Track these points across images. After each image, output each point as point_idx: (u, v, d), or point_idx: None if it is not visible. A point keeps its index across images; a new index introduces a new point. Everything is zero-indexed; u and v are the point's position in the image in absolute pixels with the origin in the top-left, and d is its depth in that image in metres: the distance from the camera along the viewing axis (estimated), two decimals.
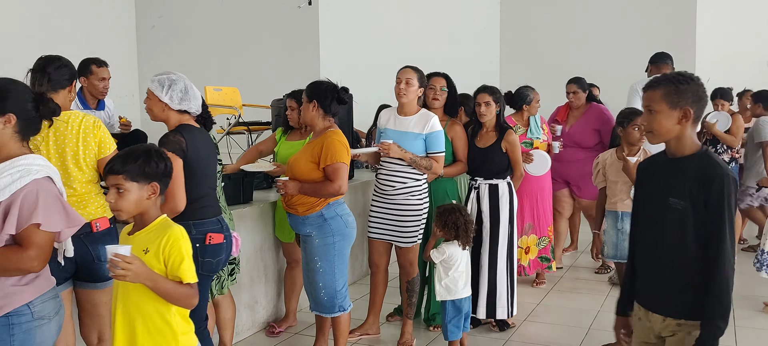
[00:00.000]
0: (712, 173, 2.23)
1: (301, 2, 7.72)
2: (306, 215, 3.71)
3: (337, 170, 3.60)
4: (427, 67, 5.00)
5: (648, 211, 2.43)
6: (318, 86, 3.76)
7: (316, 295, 3.80)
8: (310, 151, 3.68)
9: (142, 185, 2.34)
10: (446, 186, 4.55)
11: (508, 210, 4.50)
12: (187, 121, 3.14)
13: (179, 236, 2.35)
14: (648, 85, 2.33)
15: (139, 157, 2.35)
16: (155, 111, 3.16)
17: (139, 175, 2.33)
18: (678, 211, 2.27)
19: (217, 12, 8.26)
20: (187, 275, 2.34)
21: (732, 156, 6.64)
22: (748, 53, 9.03)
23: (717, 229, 2.22)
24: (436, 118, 4.18)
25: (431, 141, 4.15)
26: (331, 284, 3.76)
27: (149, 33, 8.66)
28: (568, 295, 5.53)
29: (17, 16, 7.02)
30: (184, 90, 3.12)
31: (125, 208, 2.34)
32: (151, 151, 2.40)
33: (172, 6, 8.51)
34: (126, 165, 2.33)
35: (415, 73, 4.15)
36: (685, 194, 2.26)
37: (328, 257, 3.74)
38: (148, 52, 8.65)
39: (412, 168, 4.14)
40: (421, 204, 4.21)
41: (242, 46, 8.10)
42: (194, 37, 8.37)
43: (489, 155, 4.47)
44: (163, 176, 2.41)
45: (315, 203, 3.69)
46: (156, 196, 2.38)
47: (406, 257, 4.27)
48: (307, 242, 3.78)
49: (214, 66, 8.03)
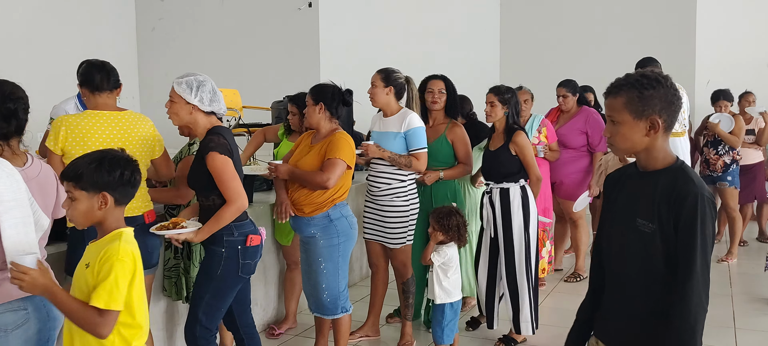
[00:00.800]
0: (684, 190, 1.88)
1: (301, 4, 7.72)
2: (312, 216, 3.68)
3: (333, 165, 3.58)
4: (427, 68, 5.00)
5: (613, 231, 2.08)
6: (323, 89, 3.76)
7: (318, 296, 3.78)
8: (318, 152, 3.66)
9: (92, 195, 2.14)
10: (447, 188, 4.52)
11: (521, 216, 4.26)
12: (215, 122, 3.09)
13: (113, 254, 2.08)
14: (608, 90, 2.00)
15: (90, 164, 2.15)
16: (182, 115, 3.05)
17: (88, 183, 2.14)
18: (645, 234, 1.93)
19: (217, 14, 8.27)
20: (98, 297, 2.03)
21: (733, 157, 6.65)
22: (748, 55, 9.03)
23: (686, 258, 1.86)
24: (413, 116, 4.13)
25: (410, 139, 4.11)
26: (334, 286, 3.75)
27: (149, 35, 8.66)
28: (568, 296, 5.52)
29: (18, 19, 7.03)
30: (212, 91, 3.06)
31: (75, 218, 2.16)
32: (103, 159, 2.18)
33: (172, 8, 8.51)
34: (75, 171, 2.15)
35: (378, 75, 4.15)
36: (653, 215, 1.91)
37: (332, 258, 3.73)
38: (149, 54, 8.66)
39: (397, 169, 4.12)
40: (408, 205, 4.17)
41: (242, 48, 8.10)
42: (194, 40, 8.38)
43: (498, 158, 4.31)
44: (117, 186, 2.17)
45: (322, 203, 3.67)
46: (107, 206, 2.15)
47: (398, 259, 4.25)
48: (309, 243, 3.74)
49: (214, 68, 8.02)
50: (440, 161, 4.47)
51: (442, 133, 4.50)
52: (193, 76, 3.04)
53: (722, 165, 6.65)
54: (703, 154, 6.87)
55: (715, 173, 6.71)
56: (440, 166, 4.47)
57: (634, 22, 9.48)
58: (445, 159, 4.49)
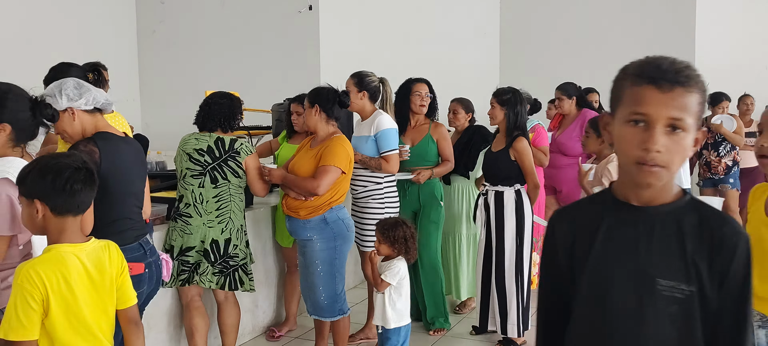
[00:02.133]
0: (730, 235, 1.36)
1: (301, 7, 7.73)
2: (308, 219, 3.69)
3: (325, 172, 3.61)
4: (427, 71, 5.00)
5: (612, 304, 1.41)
6: (319, 91, 3.81)
7: (315, 299, 3.78)
8: (314, 157, 3.69)
9: (28, 203, 1.99)
10: (433, 187, 4.58)
11: (514, 220, 4.23)
12: (102, 125, 2.73)
13: (16, 275, 1.92)
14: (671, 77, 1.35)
15: (27, 170, 2.01)
16: (68, 128, 2.65)
17: (23, 191, 2.01)
18: (679, 301, 1.36)
19: (217, 17, 8.28)
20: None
21: (734, 159, 6.65)
22: (747, 58, 9.03)
23: (738, 324, 1.37)
24: (383, 117, 4.12)
25: (379, 140, 4.10)
26: (331, 288, 3.76)
27: (150, 38, 8.67)
28: None
29: (18, 21, 7.04)
30: (77, 86, 2.66)
31: (26, 226, 2.03)
32: (35, 165, 2.03)
33: (172, 11, 8.52)
34: (20, 176, 2.01)
35: (351, 80, 4.18)
36: (688, 273, 1.36)
37: (329, 260, 3.73)
38: (149, 57, 8.67)
39: (371, 172, 4.12)
40: (383, 208, 4.15)
41: (243, 50, 8.11)
42: (195, 42, 8.39)
43: (497, 161, 4.31)
44: (52, 194, 1.98)
45: (318, 206, 3.68)
46: (40, 216, 1.99)
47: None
48: (306, 246, 3.75)
49: (214, 71, 8.04)
50: (428, 161, 4.57)
51: (427, 133, 4.58)
52: (53, 85, 2.66)
53: (724, 167, 6.63)
54: (703, 157, 6.87)
55: (717, 175, 6.70)
56: (430, 165, 4.55)
57: (635, 24, 9.48)
58: (432, 158, 4.59)
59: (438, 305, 4.64)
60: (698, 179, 7.33)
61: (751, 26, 9.15)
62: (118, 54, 7.95)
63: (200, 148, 3.71)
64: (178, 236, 3.71)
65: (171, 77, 8.25)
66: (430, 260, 4.60)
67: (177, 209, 3.78)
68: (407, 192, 4.58)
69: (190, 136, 3.79)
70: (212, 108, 3.79)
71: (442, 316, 4.66)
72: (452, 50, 9.45)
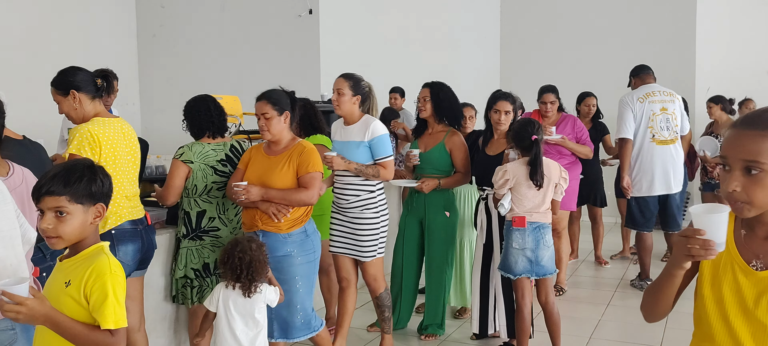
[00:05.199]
0: None
1: (301, 11, 7.72)
2: (290, 232, 3.49)
3: (315, 179, 3.46)
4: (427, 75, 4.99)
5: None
6: (278, 97, 3.60)
7: (291, 319, 3.55)
8: (288, 165, 3.47)
9: (88, 207, 2.02)
10: (443, 197, 4.48)
11: None
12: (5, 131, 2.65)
13: (105, 269, 1.98)
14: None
15: (84, 174, 2.03)
16: None
17: (85, 195, 2.01)
18: None
19: (217, 21, 8.27)
20: (107, 319, 1.95)
21: None
22: (748, 62, 9.03)
23: None
24: (377, 123, 3.96)
25: (375, 147, 3.92)
26: (308, 304, 3.59)
27: (150, 41, 8.66)
28: (568, 304, 5.51)
29: (18, 24, 7.03)
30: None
31: (68, 234, 2.00)
32: (96, 168, 2.08)
33: (172, 15, 8.52)
34: (69, 184, 1.99)
35: (346, 83, 3.95)
36: None
37: (308, 275, 3.58)
38: (149, 60, 8.66)
39: (364, 180, 3.94)
40: (378, 217, 3.99)
41: (243, 54, 8.10)
42: (195, 46, 8.38)
43: (496, 164, 4.24)
44: (108, 196, 2.10)
45: (300, 218, 3.52)
46: (101, 219, 2.08)
47: (369, 273, 4.07)
48: (284, 262, 3.47)
49: (214, 74, 8.03)
50: (438, 169, 4.46)
51: (441, 140, 4.45)
52: None
53: None
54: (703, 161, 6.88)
55: (715, 179, 6.73)
56: (438, 174, 4.43)
57: (635, 28, 9.48)
58: (443, 167, 4.46)
59: (436, 315, 4.61)
60: (699, 183, 7.35)
61: (751, 30, 9.15)
62: (118, 58, 7.94)
63: (220, 158, 3.73)
64: (210, 253, 3.71)
65: (171, 81, 8.24)
66: (436, 271, 4.55)
67: (199, 226, 3.71)
68: (414, 200, 4.52)
69: (200, 148, 3.73)
70: (203, 115, 3.79)
71: (438, 324, 4.63)
72: (452, 54, 9.45)
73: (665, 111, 5.68)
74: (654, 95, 5.73)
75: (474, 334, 4.62)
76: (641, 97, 5.71)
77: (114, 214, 3.20)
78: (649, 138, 5.66)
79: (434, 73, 5.01)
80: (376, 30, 8.35)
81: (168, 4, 8.56)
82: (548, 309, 4.05)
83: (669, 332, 4.71)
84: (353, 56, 7.84)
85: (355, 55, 7.85)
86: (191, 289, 3.72)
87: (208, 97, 3.91)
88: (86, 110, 3.21)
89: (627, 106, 5.68)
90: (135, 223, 3.30)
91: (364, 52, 7.94)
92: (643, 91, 5.75)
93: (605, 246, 7.27)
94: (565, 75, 8.55)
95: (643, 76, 5.91)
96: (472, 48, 9.94)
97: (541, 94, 5.74)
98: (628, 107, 5.68)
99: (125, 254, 3.22)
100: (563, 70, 9.25)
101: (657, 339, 4.63)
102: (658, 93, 5.75)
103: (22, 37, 7.03)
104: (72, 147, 3.07)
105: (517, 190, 3.92)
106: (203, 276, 3.72)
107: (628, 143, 5.67)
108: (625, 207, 7.02)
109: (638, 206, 5.80)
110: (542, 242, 3.91)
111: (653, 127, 5.65)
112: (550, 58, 9.87)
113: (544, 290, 4.04)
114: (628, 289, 5.97)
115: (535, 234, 3.89)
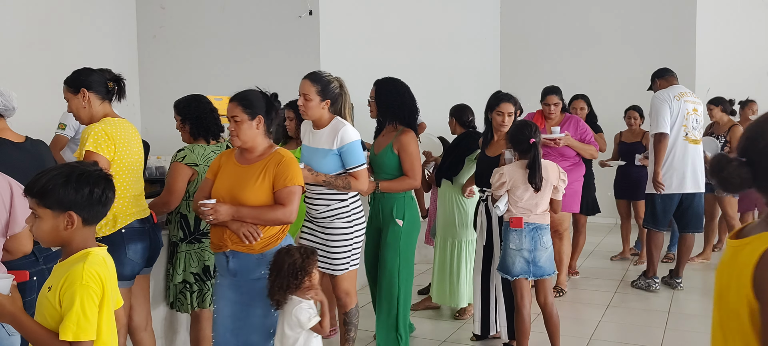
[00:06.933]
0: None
1: (302, 12, 7.73)
2: (263, 252, 3.02)
3: (294, 194, 3.01)
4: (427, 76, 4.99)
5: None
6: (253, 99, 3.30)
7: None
8: (262, 178, 3.02)
9: (58, 214, 1.95)
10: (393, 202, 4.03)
11: None
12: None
13: (77, 279, 1.89)
14: None
15: (56, 180, 1.94)
16: None
17: (53, 202, 1.94)
18: None
19: (218, 22, 8.28)
20: (66, 330, 1.86)
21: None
22: (748, 64, 9.03)
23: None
24: (347, 129, 3.55)
25: (345, 156, 3.55)
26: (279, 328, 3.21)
27: (150, 42, 8.66)
28: (569, 305, 5.51)
29: (18, 25, 7.03)
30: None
31: (40, 236, 1.97)
32: (71, 174, 1.96)
33: (173, 16, 8.52)
34: (40, 187, 1.94)
35: (313, 87, 3.56)
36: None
37: None
38: (149, 61, 8.66)
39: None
40: (350, 227, 3.65)
41: (243, 55, 8.11)
42: (195, 47, 8.38)
43: (496, 165, 4.20)
44: (86, 205, 1.97)
45: (276, 235, 3.06)
46: (73, 227, 1.96)
47: (341, 287, 3.72)
48: (257, 286, 3.02)
49: (215, 75, 8.03)
50: (389, 173, 4.05)
51: (390, 142, 4.05)
52: None
53: None
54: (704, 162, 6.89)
55: None
56: (387, 178, 4.04)
57: (635, 29, 9.49)
58: (393, 170, 4.04)
59: (389, 334, 4.10)
60: None
61: (751, 31, 9.16)
62: (119, 59, 7.93)
63: None
64: (209, 255, 3.68)
65: (171, 82, 8.23)
66: (384, 284, 4.07)
67: (198, 229, 3.65)
68: (371, 207, 4.16)
69: (201, 150, 3.68)
70: (208, 116, 3.78)
71: (394, 341, 4.11)
72: (452, 55, 9.45)
73: (696, 112, 5.79)
74: (687, 95, 5.82)
75: (475, 335, 4.61)
76: (677, 95, 5.77)
77: (123, 214, 3.21)
78: (683, 136, 5.72)
79: (434, 74, 5.01)
80: (376, 31, 8.35)
81: (168, 5, 8.56)
82: (547, 310, 4.04)
83: (669, 333, 4.71)
84: (353, 57, 7.85)
85: (355, 56, 7.85)
86: (191, 293, 3.69)
87: (204, 97, 3.88)
88: (94, 110, 3.24)
89: (664, 103, 5.71)
90: (142, 222, 3.32)
91: (364, 54, 7.95)
92: (676, 90, 5.82)
93: (605, 246, 7.27)
94: (565, 76, 8.55)
95: (669, 78, 5.99)
96: (472, 49, 9.94)
97: (545, 96, 5.67)
98: (665, 103, 5.70)
99: (135, 253, 3.24)
100: (563, 71, 9.25)
101: (657, 340, 4.63)
102: (689, 94, 5.86)
103: (23, 37, 7.03)
104: (89, 144, 3.07)
105: (514, 192, 3.91)
106: (203, 280, 3.70)
107: (665, 138, 5.68)
108: (624, 208, 7.04)
109: (663, 204, 5.78)
110: (540, 243, 3.90)
111: (687, 126, 5.72)
112: (550, 59, 9.87)
113: (542, 291, 4.04)
114: (629, 290, 5.97)
115: (532, 235, 3.89)
